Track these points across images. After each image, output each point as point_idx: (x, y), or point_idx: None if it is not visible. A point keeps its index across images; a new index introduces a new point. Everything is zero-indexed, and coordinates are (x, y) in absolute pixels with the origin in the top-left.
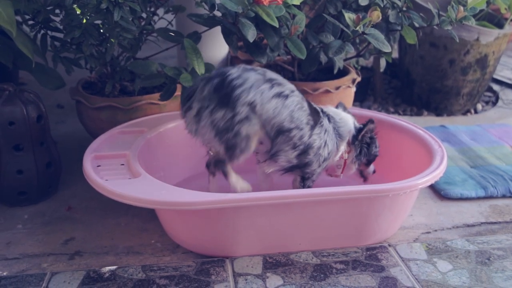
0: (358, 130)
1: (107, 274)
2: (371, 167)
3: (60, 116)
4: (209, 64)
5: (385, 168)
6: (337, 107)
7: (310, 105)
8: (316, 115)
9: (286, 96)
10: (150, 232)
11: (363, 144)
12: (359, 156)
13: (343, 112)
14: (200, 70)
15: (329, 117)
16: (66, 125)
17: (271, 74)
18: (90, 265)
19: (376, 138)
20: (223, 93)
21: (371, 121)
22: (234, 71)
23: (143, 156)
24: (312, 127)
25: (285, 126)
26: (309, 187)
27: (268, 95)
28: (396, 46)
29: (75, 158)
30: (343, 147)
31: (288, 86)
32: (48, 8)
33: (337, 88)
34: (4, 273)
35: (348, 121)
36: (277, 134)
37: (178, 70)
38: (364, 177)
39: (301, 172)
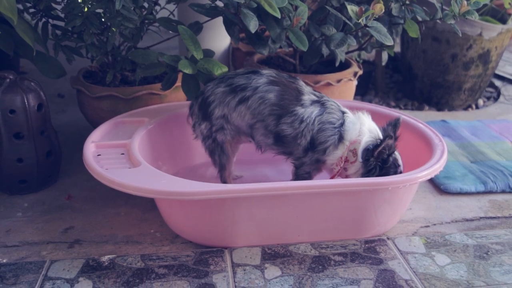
0: (375, 146)
1: (106, 263)
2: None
3: (61, 106)
4: (208, 50)
5: None
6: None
7: (283, 94)
8: (289, 104)
9: (248, 98)
10: (150, 221)
11: (378, 163)
12: (367, 175)
13: (365, 117)
14: (198, 55)
15: (324, 109)
16: (66, 115)
17: (239, 80)
18: (89, 254)
19: (397, 160)
20: (203, 110)
21: (389, 136)
22: (209, 88)
23: (143, 145)
24: (279, 116)
25: (250, 123)
26: (302, 176)
27: (232, 105)
28: (398, 40)
29: (76, 148)
30: (339, 151)
31: (254, 84)
32: None
33: (339, 81)
34: (4, 260)
35: (356, 126)
36: (250, 129)
37: (176, 57)
38: None
39: (292, 160)
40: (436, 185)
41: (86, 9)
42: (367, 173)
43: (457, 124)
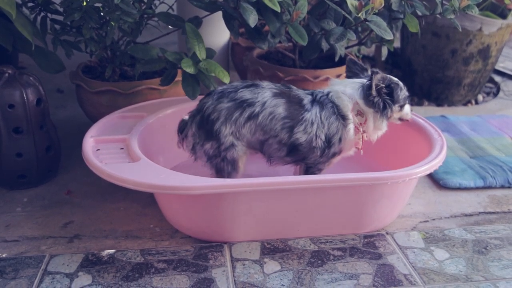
0: (367, 88)
1: (105, 257)
2: (407, 109)
3: (60, 101)
4: (210, 49)
5: (384, 156)
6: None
7: (289, 105)
8: (297, 113)
9: (257, 114)
10: (149, 216)
11: (383, 97)
12: (384, 111)
13: (344, 92)
14: (201, 55)
15: (322, 105)
16: (66, 110)
17: (243, 94)
18: (89, 248)
19: (396, 82)
20: (206, 129)
21: (375, 72)
22: (209, 104)
23: (143, 140)
24: (291, 128)
25: (261, 139)
26: (314, 174)
27: (241, 121)
28: (398, 35)
29: (75, 143)
30: (351, 127)
31: (261, 99)
32: None
33: (338, 76)
34: (4, 255)
35: (344, 101)
36: (261, 145)
37: (179, 55)
38: (403, 121)
39: (304, 163)
40: (435, 180)
41: (84, 3)
42: (382, 109)
43: (457, 120)
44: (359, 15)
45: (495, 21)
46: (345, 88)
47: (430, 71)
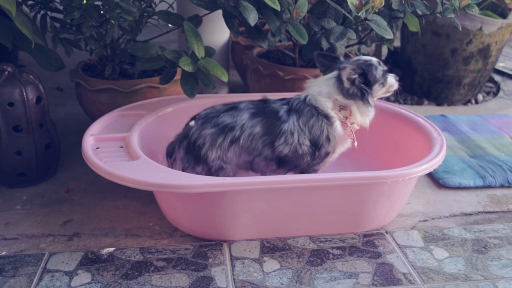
0: (340, 82)
1: (105, 256)
2: (390, 80)
3: (60, 99)
4: (209, 48)
5: (384, 155)
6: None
7: (265, 122)
8: (274, 127)
9: (238, 138)
10: (149, 215)
11: (359, 86)
12: (364, 99)
13: (320, 93)
14: (200, 53)
15: (299, 112)
16: (65, 108)
17: (224, 119)
18: (88, 247)
19: (369, 63)
20: (194, 154)
21: (342, 68)
22: (194, 130)
23: (142, 139)
24: (272, 143)
25: (248, 160)
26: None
27: (225, 146)
28: (398, 35)
29: (75, 141)
30: (337, 124)
31: (239, 122)
32: None
33: None
34: (3, 253)
35: (322, 102)
36: (250, 165)
37: (177, 53)
38: (391, 92)
39: (299, 169)
40: (435, 179)
41: (84, 1)
42: (362, 98)
43: (457, 119)
44: (359, 14)
45: (495, 21)
46: (320, 89)
47: (430, 70)
